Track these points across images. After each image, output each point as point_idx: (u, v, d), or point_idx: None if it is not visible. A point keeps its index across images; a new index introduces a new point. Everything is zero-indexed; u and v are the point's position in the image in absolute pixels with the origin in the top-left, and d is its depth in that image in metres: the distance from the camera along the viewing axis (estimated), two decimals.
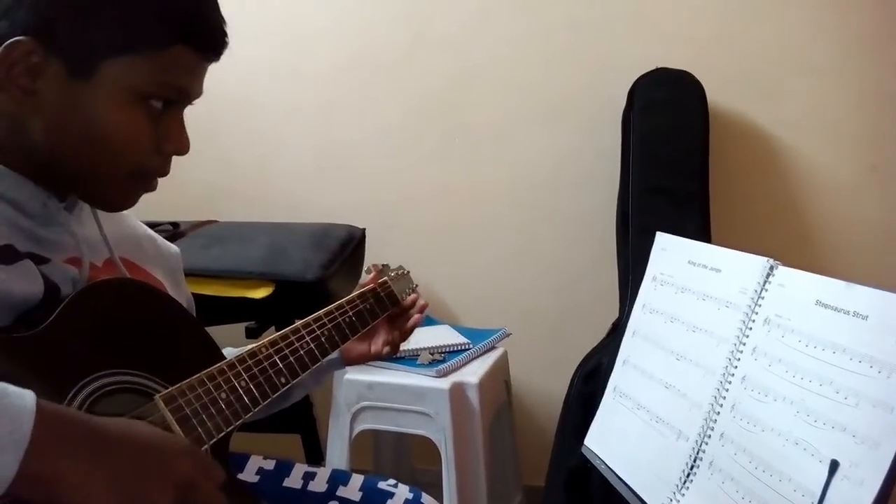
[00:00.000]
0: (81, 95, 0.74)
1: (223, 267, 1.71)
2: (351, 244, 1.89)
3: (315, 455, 1.86)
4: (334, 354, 1.10)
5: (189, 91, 0.80)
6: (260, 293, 1.70)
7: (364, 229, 1.97)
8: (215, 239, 1.85)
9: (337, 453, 1.70)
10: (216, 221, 2.03)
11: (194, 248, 1.76)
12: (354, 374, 1.63)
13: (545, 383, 2.07)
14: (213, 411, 0.78)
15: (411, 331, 1.14)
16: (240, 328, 1.72)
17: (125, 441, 0.61)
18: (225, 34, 0.81)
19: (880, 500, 0.71)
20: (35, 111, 0.74)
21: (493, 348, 1.86)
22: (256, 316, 1.73)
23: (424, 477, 1.85)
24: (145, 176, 0.81)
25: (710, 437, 0.94)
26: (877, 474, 0.72)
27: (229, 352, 0.89)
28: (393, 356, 1.15)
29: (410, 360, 1.71)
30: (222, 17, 0.82)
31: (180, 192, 2.09)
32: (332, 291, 1.74)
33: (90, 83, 0.73)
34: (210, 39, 0.80)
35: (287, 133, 2.23)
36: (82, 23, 0.73)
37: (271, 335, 0.92)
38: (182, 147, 0.81)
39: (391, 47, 2.11)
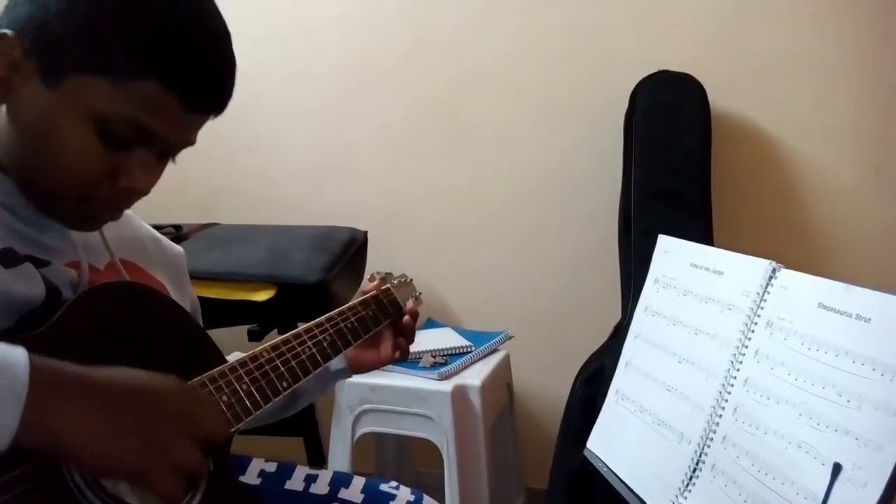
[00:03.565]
0: (47, 102, 0.72)
1: (225, 270, 1.72)
2: (353, 247, 1.89)
3: (317, 458, 1.86)
4: (341, 364, 1.10)
5: (160, 135, 0.74)
6: (262, 296, 1.70)
7: (366, 232, 1.97)
8: (218, 242, 1.85)
9: (339, 456, 1.70)
10: (218, 224, 2.03)
11: (197, 250, 1.76)
12: (356, 378, 1.62)
13: (547, 386, 2.06)
14: None
15: (411, 333, 1.13)
16: (242, 331, 1.72)
17: (120, 385, 0.62)
18: (222, 88, 0.76)
19: (883, 503, 0.71)
20: (7, 105, 0.74)
21: (495, 351, 1.86)
22: (259, 319, 1.74)
23: (427, 479, 1.84)
24: (92, 202, 0.76)
25: (712, 439, 0.94)
26: (880, 477, 0.72)
27: (236, 356, 0.89)
28: (402, 360, 1.15)
29: (412, 362, 1.70)
30: (222, 70, 0.76)
31: (183, 195, 2.11)
32: (334, 294, 1.75)
33: (56, 92, 0.71)
34: (194, 89, 0.74)
35: (289, 135, 2.23)
36: (60, 30, 0.71)
37: (274, 339, 0.92)
38: (137, 186, 0.75)
39: (393, 49, 2.12)
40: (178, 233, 1.90)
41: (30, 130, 0.74)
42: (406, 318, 1.11)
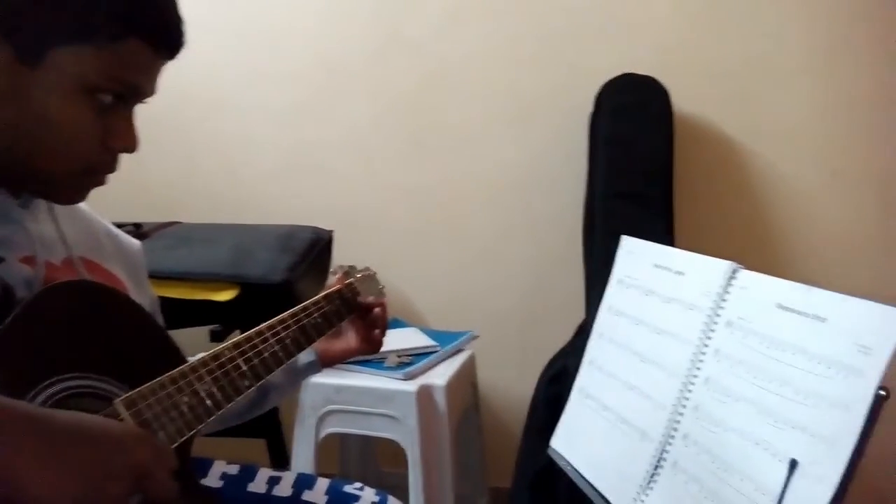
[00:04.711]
0: (29, 83, 0.72)
1: (187, 269, 1.69)
2: (318, 246, 1.88)
3: (280, 459, 1.84)
4: (311, 357, 1.09)
5: (140, 88, 0.78)
6: (225, 296, 1.68)
7: (332, 231, 1.96)
8: (179, 240, 1.82)
9: (303, 457, 1.69)
10: (179, 223, 2.00)
11: (158, 249, 1.73)
12: (321, 378, 1.61)
13: (512, 385, 2.08)
14: (175, 415, 0.76)
15: (384, 324, 1.12)
16: (204, 332, 1.69)
17: (75, 431, 0.59)
18: (182, 32, 0.80)
19: (838, 496, 0.73)
20: None
21: (460, 351, 1.86)
22: (221, 319, 1.72)
23: (391, 480, 1.84)
24: (90, 171, 0.79)
25: (673, 437, 0.96)
26: (834, 472, 0.74)
27: (199, 358, 0.88)
28: (375, 353, 1.14)
29: (377, 362, 1.70)
30: (180, 15, 0.80)
31: (144, 193, 2.07)
32: (298, 294, 1.73)
33: (38, 71, 0.72)
34: (166, 36, 0.78)
35: (254, 134, 2.21)
36: (33, 8, 0.71)
37: (236, 338, 0.91)
38: (129, 144, 0.79)
39: (361, 50, 2.11)
40: (138, 231, 1.87)
41: (18, 115, 0.73)
42: (377, 310, 1.11)
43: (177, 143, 2.15)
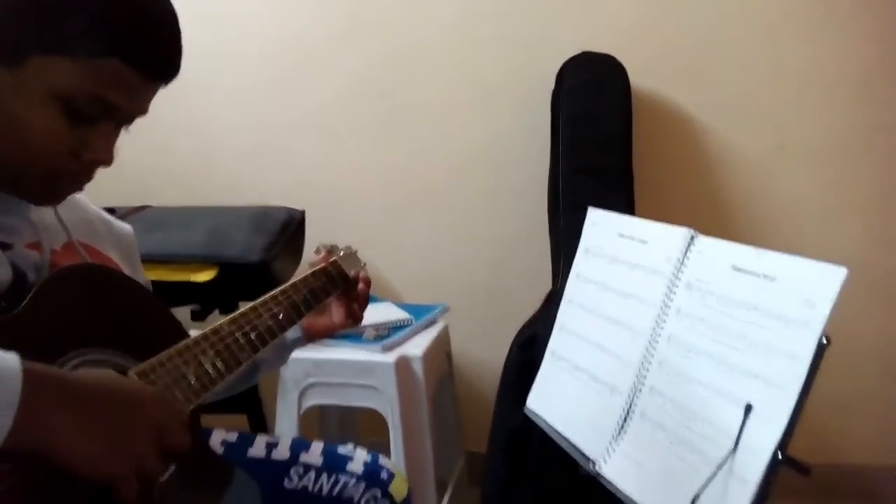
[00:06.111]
0: (7, 84, 0.74)
1: (166, 251, 1.72)
2: (291, 226, 1.92)
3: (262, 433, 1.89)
4: (297, 333, 1.15)
5: (121, 108, 0.78)
6: (204, 276, 1.72)
7: (303, 211, 1.99)
8: (155, 224, 1.85)
9: (285, 430, 1.74)
10: (150, 206, 2.02)
11: (135, 233, 1.75)
12: (301, 353, 1.66)
13: (484, 353, 2.15)
14: (184, 385, 0.82)
15: (365, 300, 1.17)
16: (184, 312, 1.73)
17: (103, 392, 0.66)
18: (175, 58, 0.80)
19: (786, 434, 0.82)
20: None
21: (434, 323, 1.93)
22: (201, 299, 1.75)
23: (371, 448, 1.90)
24: (58, 177, 0.79)
25: (640, 391, 1.04)
26: (783, 413, 0.83)
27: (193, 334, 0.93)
28: (355, 327, 1.19)
29: (356, 336, 1.76)
30: (175, 40, 0.80)
31: (115, 177, 2.06)
32: (274, 273, 1.78)
33: (17, 74, 0.73)
34: (153, 61, 0.78)
35: (222, 115, 2.22)
36: (16, 13, 0.73)
37: (216, 319, 0.95)
38: (103, 159, 0.80)
39: (328, 29, 2.13)
40: (110, 215, 1.88)
41: None
42: (360, 286, 1.15)
43: (146, 126, 2.14)
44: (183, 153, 2.24)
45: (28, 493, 0.62)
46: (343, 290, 1.15)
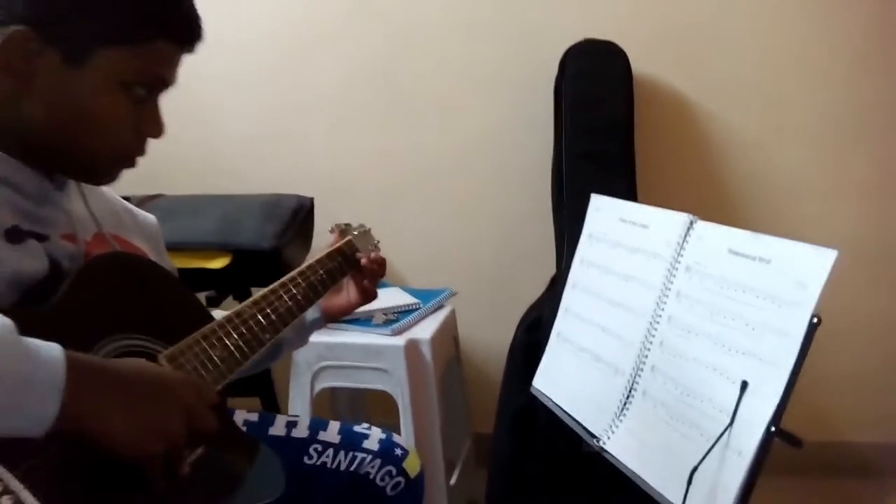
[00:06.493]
0: (73, 81, 0.81)
1: (180, 239, 1.77)
2: (301, 213, 1.96)
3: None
4: (316, 314, 1.19)
5: (167, 80, 0.88)
6: (218, 263, 1.76)
7: (312, 198, 2.03)
8: (167, 212, 1.88)
9: (298, 412, 1.79)
10: (163, 195, 2.06)
11: None
12: (314, 337, 1.72)
13: (490, 337, 2.19)
14: (211, 366, 0.87)
15: (374, 276, 1.20)
16: (200, 298, 1.77)
17: (138, 379, 0.72)
18: (201, 27, 0.89)
19: (780, 409, 0.87)
20: (30, 95, 0.80)
21: (441, 307, 1.98)
22: (216, 285, 1.80)
23: None
24: (127, 156, 0.89)
25: (642, 370, 1.09)
26: (777, 389, 0.87)
27: (217, 314, 0.98)
28: (369, 303, 1.23)
29: (365, 321, 1.81)
30: (198, 12, 0.89)
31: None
32: (286, 259, 1.82)
33: (82, 71, 0.81)
34: (188, 34, 0.88)
35: (228, 103, 2.23)
36: (78, 16, 0.80)
37: (231, 305, 1.00)
38: (159, 130, 0.89)
39: (331, 16, 2.15)
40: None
41: (65, 109, 0.81)
42: (364, 261, 1.18)
43: None
44: (189, 142, 2.26)
45: (58, 471, 0.67)
46: (357, 268, 1.19)
